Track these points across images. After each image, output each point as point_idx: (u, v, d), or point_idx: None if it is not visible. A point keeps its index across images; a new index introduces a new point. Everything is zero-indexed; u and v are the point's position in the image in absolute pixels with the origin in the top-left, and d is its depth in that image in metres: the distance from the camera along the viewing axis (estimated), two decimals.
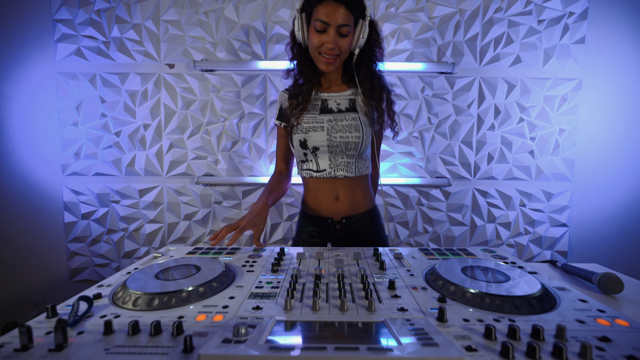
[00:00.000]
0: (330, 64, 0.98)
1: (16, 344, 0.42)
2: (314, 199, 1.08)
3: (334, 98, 1.06)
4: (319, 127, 1.01)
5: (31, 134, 1.67)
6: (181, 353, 0.40)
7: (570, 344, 0.42)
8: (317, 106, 1.05)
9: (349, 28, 0.94)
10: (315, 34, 0.95)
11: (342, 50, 0.97)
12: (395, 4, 1.59)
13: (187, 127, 1.65)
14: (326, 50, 0.95)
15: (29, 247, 1.74)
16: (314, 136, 1.01)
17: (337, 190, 1.06)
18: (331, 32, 0.93)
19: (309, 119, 1.03)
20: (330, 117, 1.03)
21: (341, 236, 1.07)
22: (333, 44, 0.94)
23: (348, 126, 1.02)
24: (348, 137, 1.01)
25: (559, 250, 1.70)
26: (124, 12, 1.59)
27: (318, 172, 1.04)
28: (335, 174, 1.04)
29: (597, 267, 0.78)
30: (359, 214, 1.08)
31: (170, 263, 0.70)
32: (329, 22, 0.92)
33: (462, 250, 0.83)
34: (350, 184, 1.06)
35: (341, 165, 1.04)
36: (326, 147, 1.02)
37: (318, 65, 1.00)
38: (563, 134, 1.63)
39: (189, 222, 1.71)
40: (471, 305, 0.53)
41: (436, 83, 1.62)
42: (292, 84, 1.08)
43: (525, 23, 1.58)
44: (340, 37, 0.95)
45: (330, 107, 1.05)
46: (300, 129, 1.03)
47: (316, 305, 0.51)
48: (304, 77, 1.05)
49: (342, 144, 1.01)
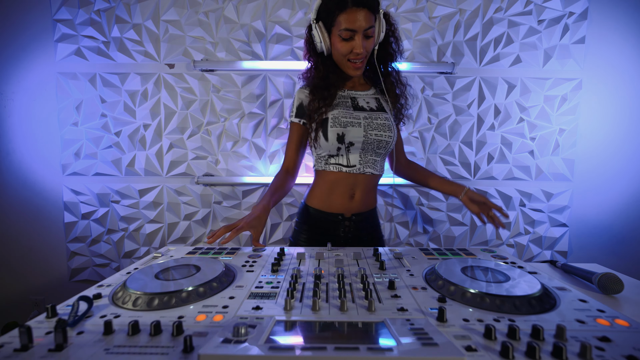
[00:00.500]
0: (359, 68, 0.99)
1: (16, 344, 0.42)
2: (329, 194, 1.08)
3: (361, 97, 1.08)
4: (357, 123, 1.02)
5: (31, 134, 1.67)
6: (181, 353, 0.40)
7: (570, 344, 0.42)
8: (348, 103, 1.05)
9: (373, 29, 0.95)
10: (341, 42, 0.95)
11: (368, 51, 0.98)
12: (395, 4, 1.59)
13: (187, 127, 1.65)
14: (355, 56, 0.96)
15: (29, 247, 1.74)
16: (352, 131, 1.01)
17: (355, 187, 1.07)
18: (358, 38, 0.93)
19: (345, 114, 1.02)
20: (366, 115, 1.04)
21: (349, 232, 1.09)
22: (362, 49, 0.94)
23: (382, 125, 1.03)
24: (382, 135, 1.03)
25: (559, 250, 1.70)
26: (124, 12, 1.59)
27: (348, 167, 1.05)
28: (363, 170, 1.06)
29: (597, 267, 0.78)
30: (367, 211, 1.11)
31: (170, 263, 0.70)
32: (355, 29, 0.92)
33: (462, 250, 0.83)
34: (371, 182, 1.09)
35: (369, 162, 1.06)
36: (361, 144, 1.03)
37: (346, 70, 1.01)
38: (563, 134, 1.63)
39: (189, 222, 1.71)
40: (471, 305, 0.53)
41: (436, 83, 1.62)
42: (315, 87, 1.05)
43: (525, 23, 1.58)
44: (365, 39, 0.95)
45: (362, 105, 1.06)
46: (338, 123, 1.01)
47: (316, 305, 0.51)
48: (329, 81, 1.03)
49: (375, 142, 1.03)
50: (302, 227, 1.13)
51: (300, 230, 1.14)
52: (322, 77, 1.04)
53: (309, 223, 1.12)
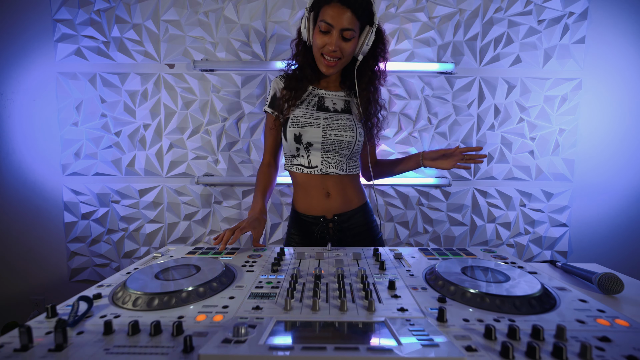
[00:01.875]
0: (331, 66, 0.98)
1: (16, 344, 0.42)
2: (305, 195, 1.08)
3: (330, 97, 1.07)
4: (315, 124, 1.02)
5: (31, 134, 1.67)
6: (181, 353, 0.40)
7: (570, 344, 0.42)
8: (314, 102, 1.05)
9: (352, 33, 0.94)
10: (319, 34, 0.95)
11: (344, 54, 0.97)
12: (395, 4, 1.59)
13: (187, 127, 1.65)
14: (328, 52, 0.95)
15: (29, 247, 1.74)
16: (310, 132, 1.01)
17: (327, 187, 1.05)
18: (334, 35, 0.93)
19: (306, 114, 1.03)
20: (327, 115, 1.03)
21: (334, 235, 1.07)
22: (335, 47, 0.94)
23: (343, 126, 1.03)
24: (342, 135, 1.02)
25: (559, 250, 1.70)
26: (124, 12, 1.59)
27: (309, 168, 1.04)
28: (326, 170, 1.04)
29: (597, 267, 0.78)
30: (351, 210, 1.08)
31: (170, 263, 0.70)
32: (333, 24, 0.92)
33: (462, 250, 0.83)
34: (342, 181, 1.07)
35: (333, 162, 1.04)
36: (320, 144, 1.02)
37: (319, 66, 1.01)
38: (563, 134, 1.63)
39: (189, 222, 1.71)
40: (471, 305, 0.53)
41: (436, 83, 1.62)
42: (290, 76, 1.07)
43: (525, 23, 1.58)
44: (343, 40, 0.95)
45: (327, 106, 1.06)
46: (296, 123, 1.02)
47: (316, 305, 0.51)
48: (304, 73, 1.05)
49: (336, 142, 1.02)
50: (291, 231, 1.14)
51: (290, 234, 1.14)
52: (300, 67, 1.05)
53: (297, 227, 1.12)
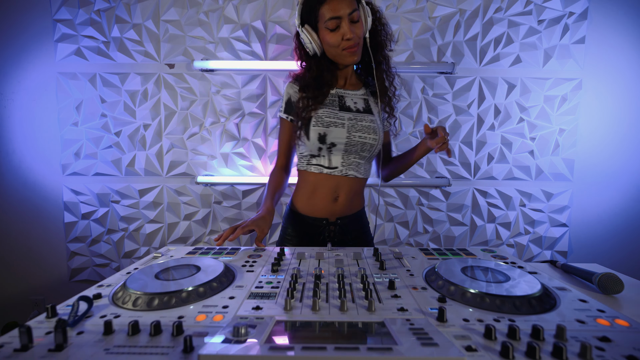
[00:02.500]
0: (355, 53, 0.97)
1: (16, 344, 0.42)
2: (312, 197, 1.06)
3: (350, 96, 1.06)
4: (340, 124, 1.00)
5: (31, 134, 1.67)
6: (181, 353, 0.40)
7: (570, 344, 0.42)
8: (335, 102, 1.03)
9: (358, 12, 0.94)
10: (329, 34, 0.94)
11: (360, 37, 0.96)
12: (395, 4, 1.59)
13: (187, 127, 1.65)
14: (346, 43, 0.94)
15: (29, 247, 1.74)
16: (335, 132, 1.00)
17: (339, 190, 1.04)
18: (345, 24, 0.92)
19: (329, 114, 1.01)
20: (351, 116, 1.02)
21: (335, 237, 1.06)
22: (351, 33, 0.92)
23: (367, 127, 1.02)
24: (366, 138, 1.02)
25: (559, 250, 1.70)
26: (124, 12, 1.59)
27: (329, 169, 1.03)
28: (346, 172, 1.04)
29: (597, 267, 0.78)
30: (353, 213, 1.09)
31: (170, 263, 0.70)
32: (339, 15, 0.91)
33: (462, 250, 0.83)
34: (355, 185, 1.06)
35: (353, 164, 1.04)
36: (343, 145, 1.01)
37: (342, 60, 0.99)
38: (563, 134, 1.63)
39: (189, 222, 1.71)
40: (471, 305, 0.53)
41: (436, 83, 1.62)
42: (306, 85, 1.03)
43: (525, 23, 1.58)
44: (352, 24, 0.94)
45: (349, 106, 1.04)
46: (320, 122, 1.00)
47: (316, 305, 0.51)
48: (323, 81, 1.02)
49: (359, 144, 1.02)
50: (287, 231, 1.11)
51: (285, 234, 1.11)
52: (316, 77, 1.02)
53: (295, 227, 1.09)
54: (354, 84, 1.09)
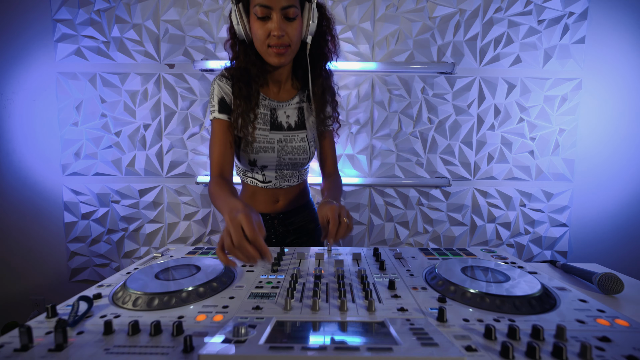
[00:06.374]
0: (282, 54, 0.85)
1: (16, 344, 0.42)
2: (252, 201, 1.06)
3: (283, 108, 0.99)
4: (270, 148, 0.96)
5: (31, 134, 1.67)
6: (181, 353, 0.40)
7: (570, 344, 0.42)
8: (267, 117, 0.97)
9: (295, 10, 0.82)
10: (257, 22, 0.82)
11: (292, 39, 0.84)
12: (395, 4, 1.59)
13: (187, 127, 1.65)
14: (274, 41, 0.82)
15: (29, 247, 1.74)
16: (264, 157, 0.97)
17: (278, 196, 1.06)
18: (275, 17, 0.80)
19: (260, 137, 0.96)
20: (281, 137, 0.97)
21: (279, 229, 1.07)
22: (280, 30, 0.81)
23: (297, 149, 0.99)
24: (297, 158, 1.00)
25: (559, 250, 1.70)
26: (124, 12, 1.59)
27: (263, 183, 1.04)
28: (280, 184, 1.04)
29: (597, 267, 0.78)
30: (295, 208, 1.09)
31: (170, 263, 0.70)
32: (270, 5, 0.79)
33: (462, 250, 0.83)
34: (294, 189, 1.07)
35: (286, 177, 1.04)
36: (274, 166, 1.00)
37: (268, 59, 0.86)
38: (563, 134, 1.63)
39: (189, 222, 1.71)
40: (471, 305, 0.53)
41: (436, 83, 1.62)
42: (236, 80, 0.93)
43: (525, 23, 1.58)
44: (287, 21, 0.82)
45: (280, 121, 0.98)
46: (250, 149, 0.95)
47: (316, 305, 0.51)
48: (250, 75, 0.91)
49: (290, 163, 1.01)
50: None
51: None
52: (242, 67, 0.91)
53: None
54: (289, 90, 1.00)
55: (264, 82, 0.96)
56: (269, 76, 0.96)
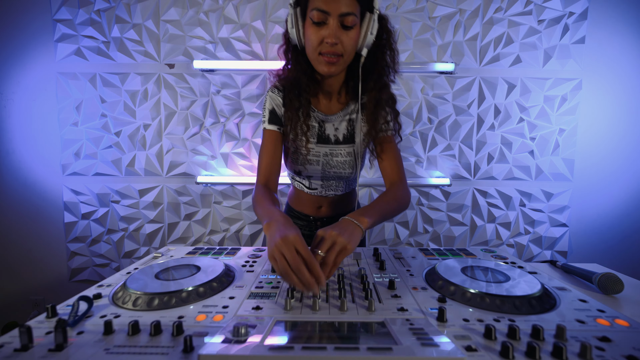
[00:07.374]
0: (333, 63, 0.79)
1: (16, 344, 0.42)
2: (298, 203, 1.10)
3: (332, 121, 0.94)
4: (315, 161, 0.96)
5: (31, 134, 1.67)
6: (181, 353, 0.40)
7: (570, 344, 0.42)
8: (314, 130, 0.94)
9: (354, 19, 0.76)
10: (312, 27, 0.78)
11: (346, 49, 0.79)
12: (395, 4, 1.59)
13: (187, 127, 1.65)
14: (327, 48, 0.77)
15: (29, 247, 1.74)
16: (309, 169, 0.98)
17: (321, 203, 1.07)
18: (332, 23, 0.75)
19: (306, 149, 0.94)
20: (327, 150, 0.95)
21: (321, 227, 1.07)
22: (334, 38, 0.76)
23: (342, 163, 0.97)
24: (341, 172, 0.99)
25: (559, 250, 1.70)
26: (124, 12, 1.59)
27: (309, 189, 1.05)
28: (326, 193, 1.05)
29: (597, 267, 0.78)
30: (338, 214, 1.07)
31: (170, 263, 0.70)
32: (328, 10, 0.75)
33: (462, 250, 0.83)
34: (337, 198, 1.08)
35: (332, 186, 1.04)
36: (320, 176, 1.01)
37: (317, 68, 0.82)
38: (563, 134, 1.63)
39: (189, 222, 1.71)
40: (471, 305, 0.53)
41: (436, 83, 1.62)
42: (286, 92, 0.91)
43: (525, 23, 1.58)
44: (343, 29, 0.77)
45: (328, 134, 0.95)
46: (295, 160, 0.96)
47: (316, 305, 0.51)
48: (300, 86, 0.88)
49: (335, 176, 1.00)
50: None
51: None
52: (293, 77, 0.88)
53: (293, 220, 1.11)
54: (342, 102, 0.95)
55: (314, 92, 0.92)
56: (320, 87, 0.92)
